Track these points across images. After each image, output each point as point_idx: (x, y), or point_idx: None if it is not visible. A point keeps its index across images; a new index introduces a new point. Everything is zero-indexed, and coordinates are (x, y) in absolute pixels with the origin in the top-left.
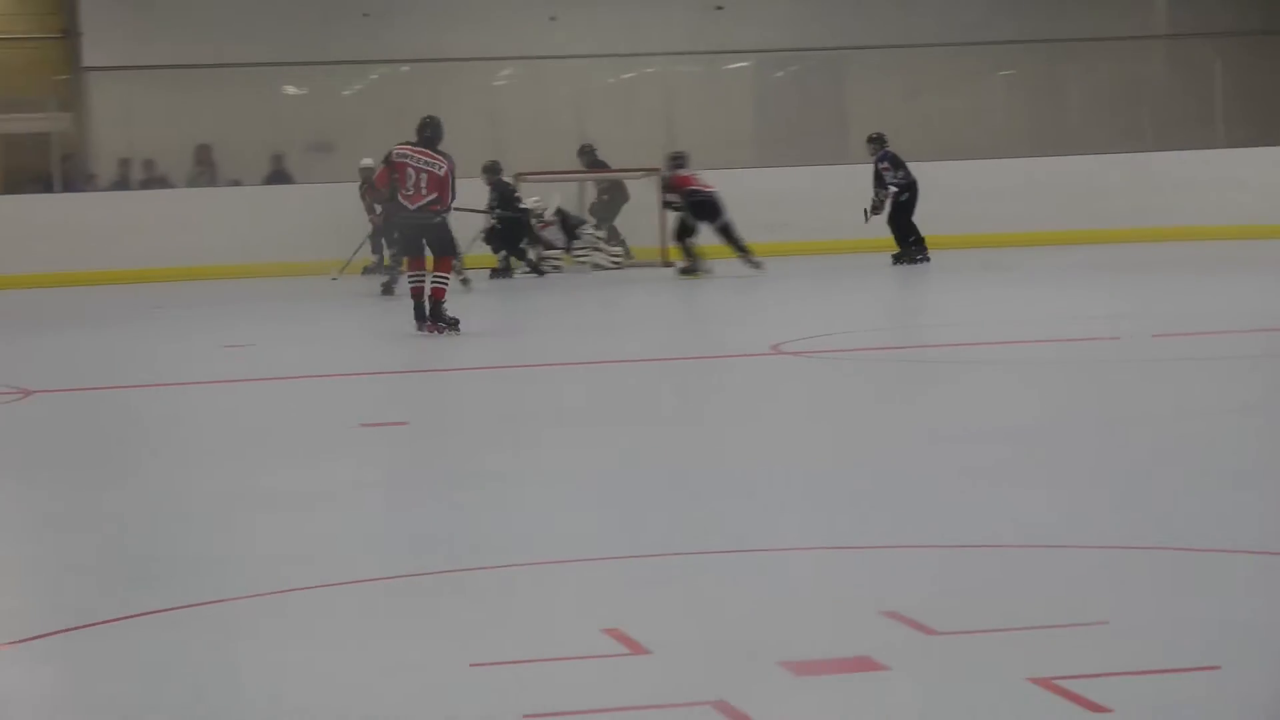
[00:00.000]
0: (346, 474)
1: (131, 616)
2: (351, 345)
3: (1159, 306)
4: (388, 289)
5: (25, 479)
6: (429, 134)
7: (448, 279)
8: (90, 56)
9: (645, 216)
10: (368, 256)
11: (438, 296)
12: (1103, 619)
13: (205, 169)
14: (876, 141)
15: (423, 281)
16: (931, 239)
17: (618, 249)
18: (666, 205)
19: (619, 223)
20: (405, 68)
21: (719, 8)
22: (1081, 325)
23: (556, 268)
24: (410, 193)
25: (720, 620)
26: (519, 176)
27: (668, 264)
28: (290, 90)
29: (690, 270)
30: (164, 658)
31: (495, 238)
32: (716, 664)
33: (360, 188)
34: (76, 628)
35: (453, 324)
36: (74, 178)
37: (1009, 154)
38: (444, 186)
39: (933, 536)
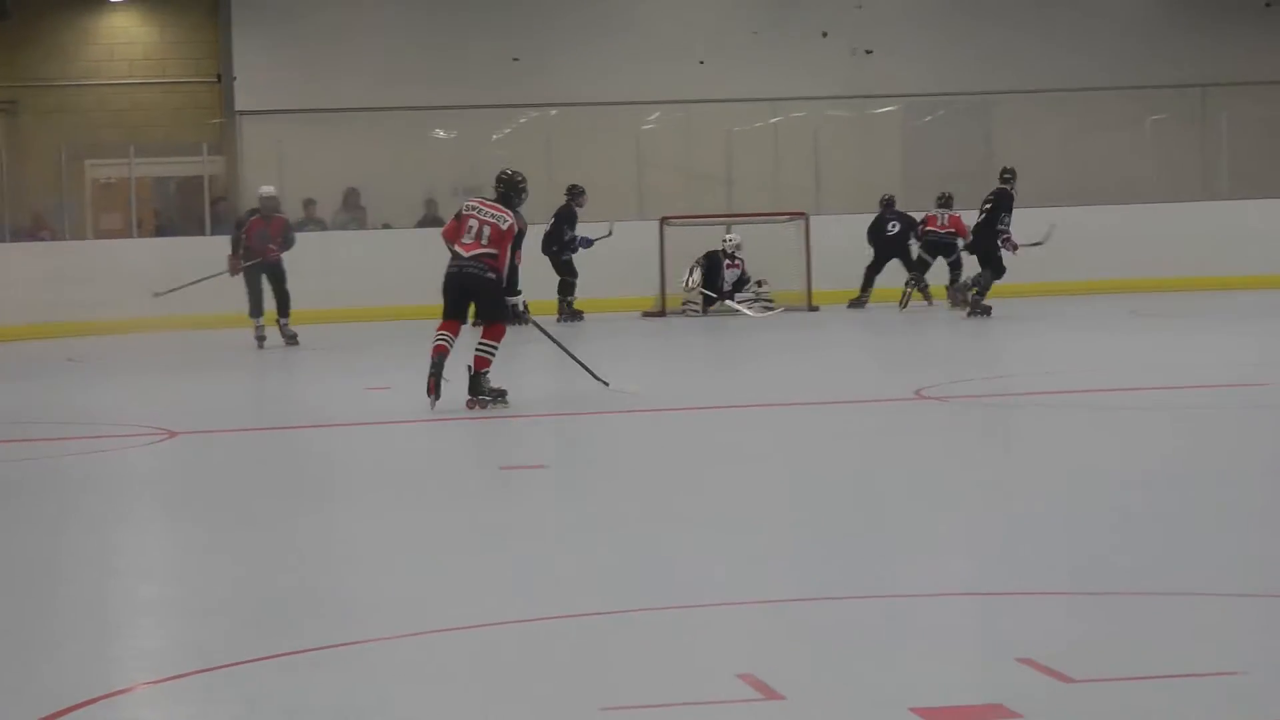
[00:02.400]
0: (486, 517)
1: (268, 658)
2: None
3: None
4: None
5: (165, 519)
6: (503, 190)
7: (495, 348)
8: (243, 100)
9: (791, 260)
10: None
11: (480, 367)
12: (1238, 669)
13: (355, 213)
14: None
15: (447, 342)
16: (1084, 284)
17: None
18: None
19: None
20: (554, 111)
21: (868, 52)
22: (1223, 371)
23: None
24: (468, 241)
25: (853, 666)
26: (664, 220)
27: (813, 308)
28: (440, 134)
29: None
30: (298, 700)
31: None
32: (849, 710)
33: (239, 226)
34: (213, 668)
35: (498, 396)
36: (225, 220)
37: (1161, 199)
38: (503, 242)
39: (1068, 583)
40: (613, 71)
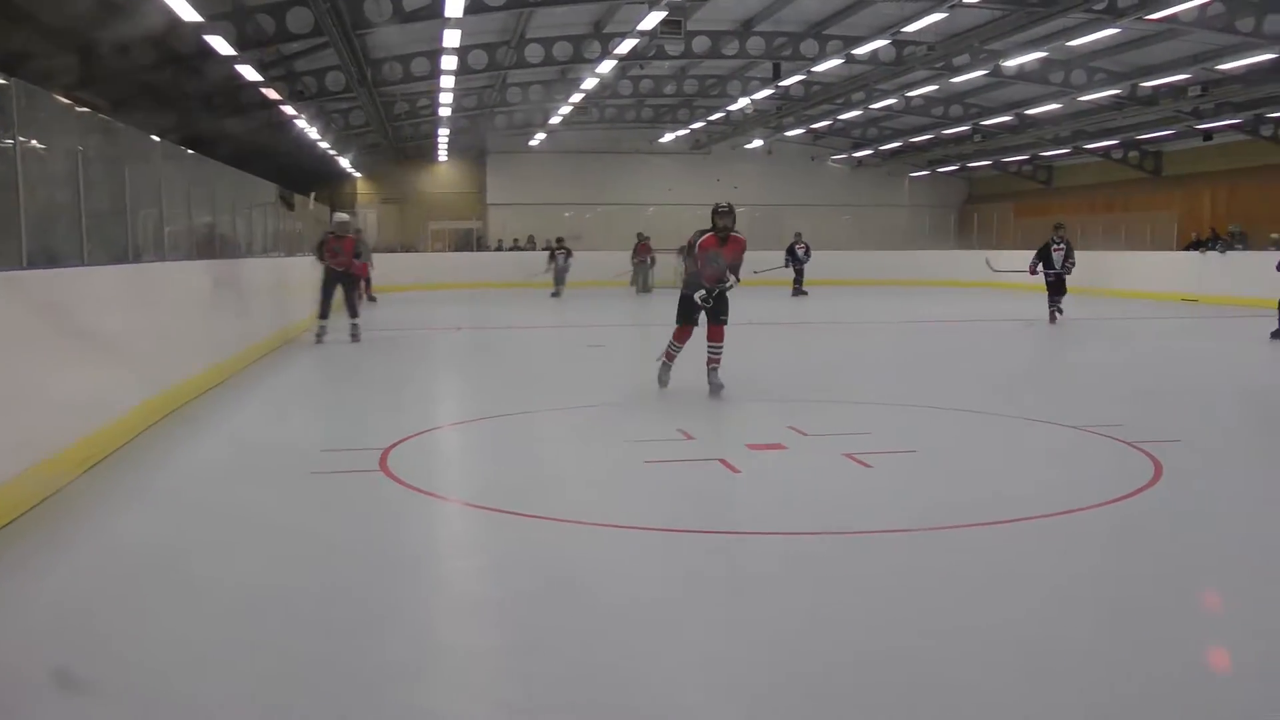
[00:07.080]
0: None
1: (501, 416)
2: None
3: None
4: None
5: (460, 362)
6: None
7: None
8: (491, 198)
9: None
10: None
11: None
12: (870, 431)
13: (529, 247)
14: None
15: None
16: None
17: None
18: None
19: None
20: (614, 208)
21: (735, 187)
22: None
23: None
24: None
25: (727, 428)
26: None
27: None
28: (566, 215)
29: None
30: (518, 442)
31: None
32: (720, 443)
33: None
34: (480, 419)
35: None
36: (480, 249)
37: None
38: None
39: (817, 395)
40: (646, 185)
